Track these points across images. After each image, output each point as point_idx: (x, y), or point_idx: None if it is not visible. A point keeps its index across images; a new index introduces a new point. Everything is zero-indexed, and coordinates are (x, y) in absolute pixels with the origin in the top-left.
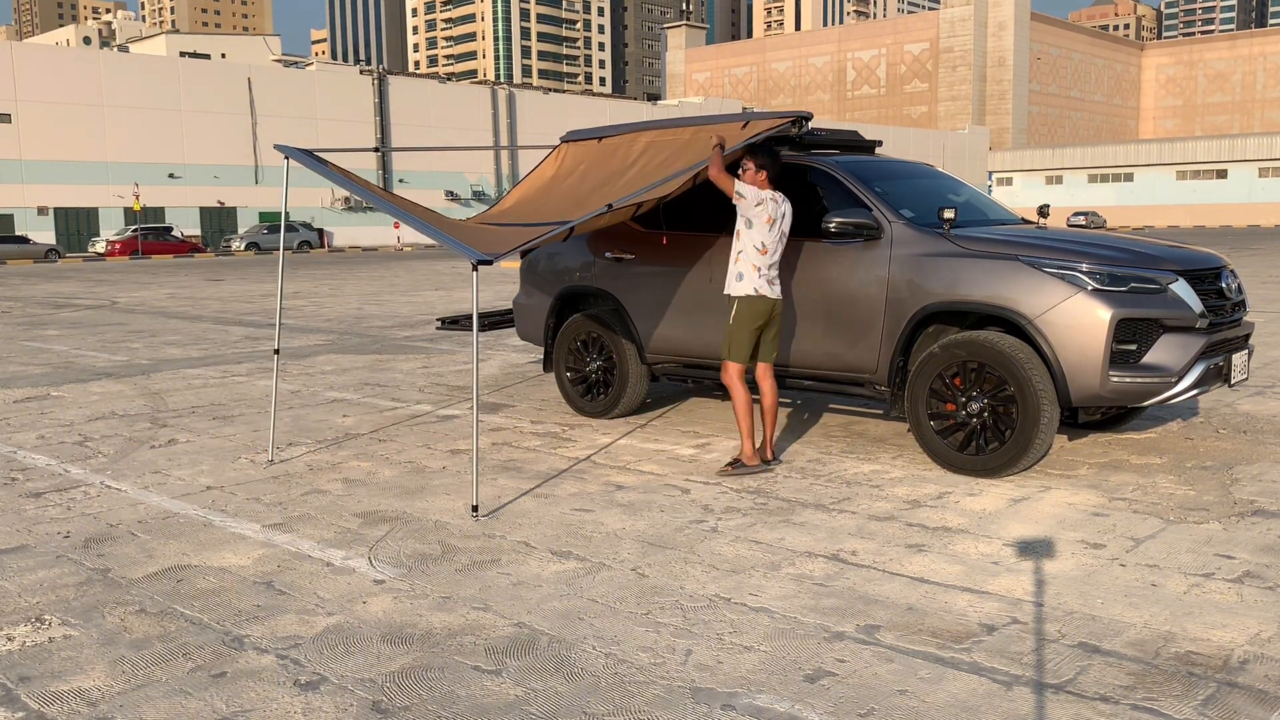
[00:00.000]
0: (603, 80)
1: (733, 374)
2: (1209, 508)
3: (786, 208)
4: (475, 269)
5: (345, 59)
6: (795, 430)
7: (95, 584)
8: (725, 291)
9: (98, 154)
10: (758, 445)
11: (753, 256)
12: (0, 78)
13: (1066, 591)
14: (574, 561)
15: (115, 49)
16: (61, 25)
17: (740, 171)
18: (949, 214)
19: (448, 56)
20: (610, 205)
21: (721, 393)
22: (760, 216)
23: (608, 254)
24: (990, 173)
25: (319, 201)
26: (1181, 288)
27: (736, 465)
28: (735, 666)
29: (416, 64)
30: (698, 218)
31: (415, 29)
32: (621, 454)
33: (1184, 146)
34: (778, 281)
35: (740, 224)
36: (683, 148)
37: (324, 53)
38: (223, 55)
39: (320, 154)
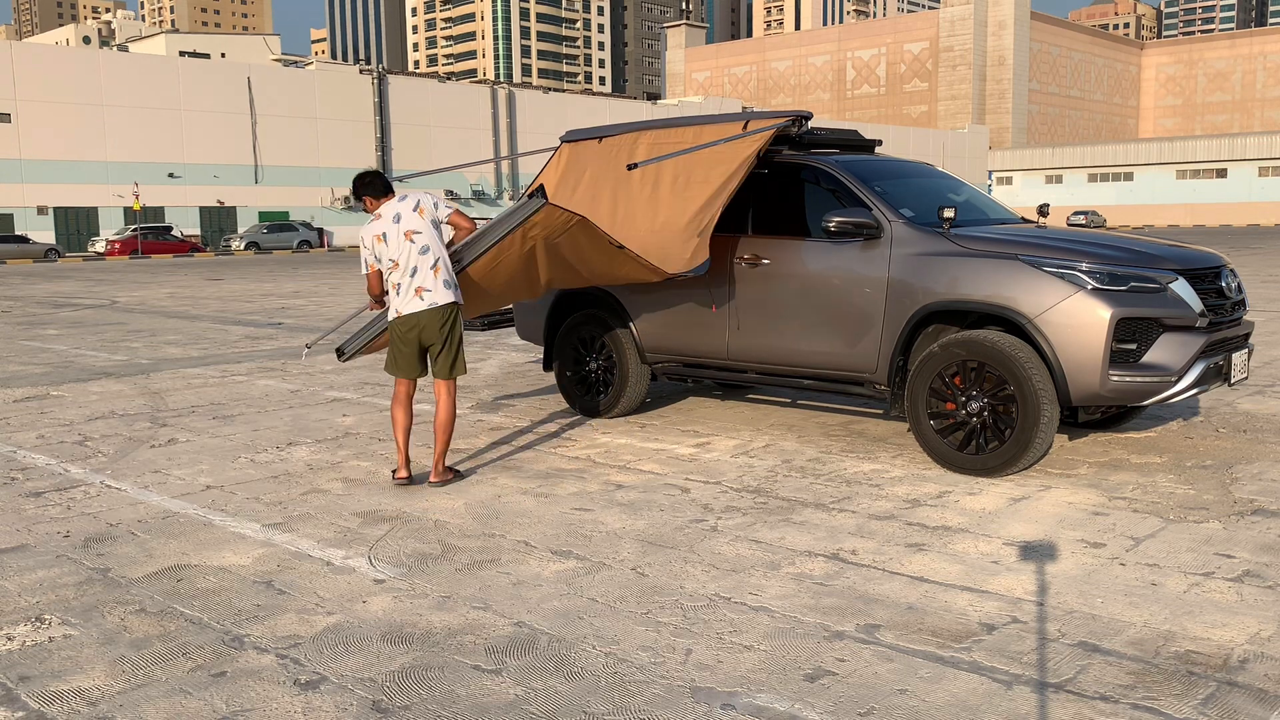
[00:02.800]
0: (603, 80)
1: (396, 390)
2: (1209, 507)
3: (396, 211)
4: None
5: (345, 58)
6: (795, 429)
7: (95, 583)
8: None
9: (97, 153)
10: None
11: (390, 277)
12: (0, 77)
13: (1066, 591)
14: (574, 561)
15: (115, 48)
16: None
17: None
18: (949, 213)
19: (447, 56)
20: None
21: (721, 392)
22: (367, 238)
23: None
24: (990, 172)
25: (319, 201)
26: (1181, 287)
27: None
28: (735, 666)
29: (416, 64)
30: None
31: (415, 28)
32: (621, 453)
33: (1184, 146)
34: (422, 291)
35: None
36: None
37: (324, 52)
38: (222, 55)
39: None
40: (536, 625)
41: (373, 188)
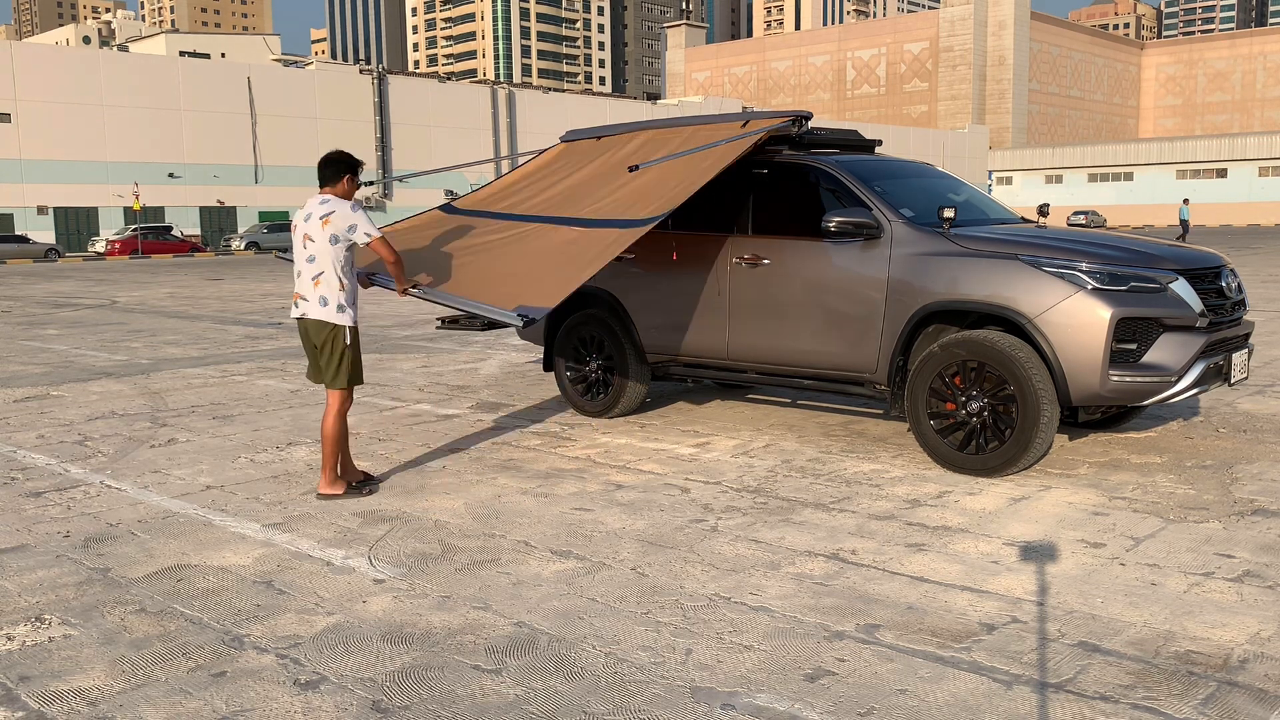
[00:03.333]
0: (603, 80)
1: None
2: (1209, 507)
3: (309, 211)
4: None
5: (345, 58)
6: (795, 429)
7: (95, 583)
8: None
9: (97, 154)
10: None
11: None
12: (0, 77)
13: (1066, 590)
14: (574, 561)
15: (115, 48)
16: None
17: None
18: (949, 213)
19: (447, 56)
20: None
21: (721, 392)
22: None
23: None
24: (990, 172)
25: None
26: (1181, 287)
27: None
28: (735, 666)
29: (416, 63)
30: (699, 217)
31: (415, 28)
32: (621, 453)
33: (1184, 146)
34: (298, 298)
35: None
36: (681, 146)
37: (324, 52)
38: (222, 55)
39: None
40: (536, 625)
41: (320, 173)
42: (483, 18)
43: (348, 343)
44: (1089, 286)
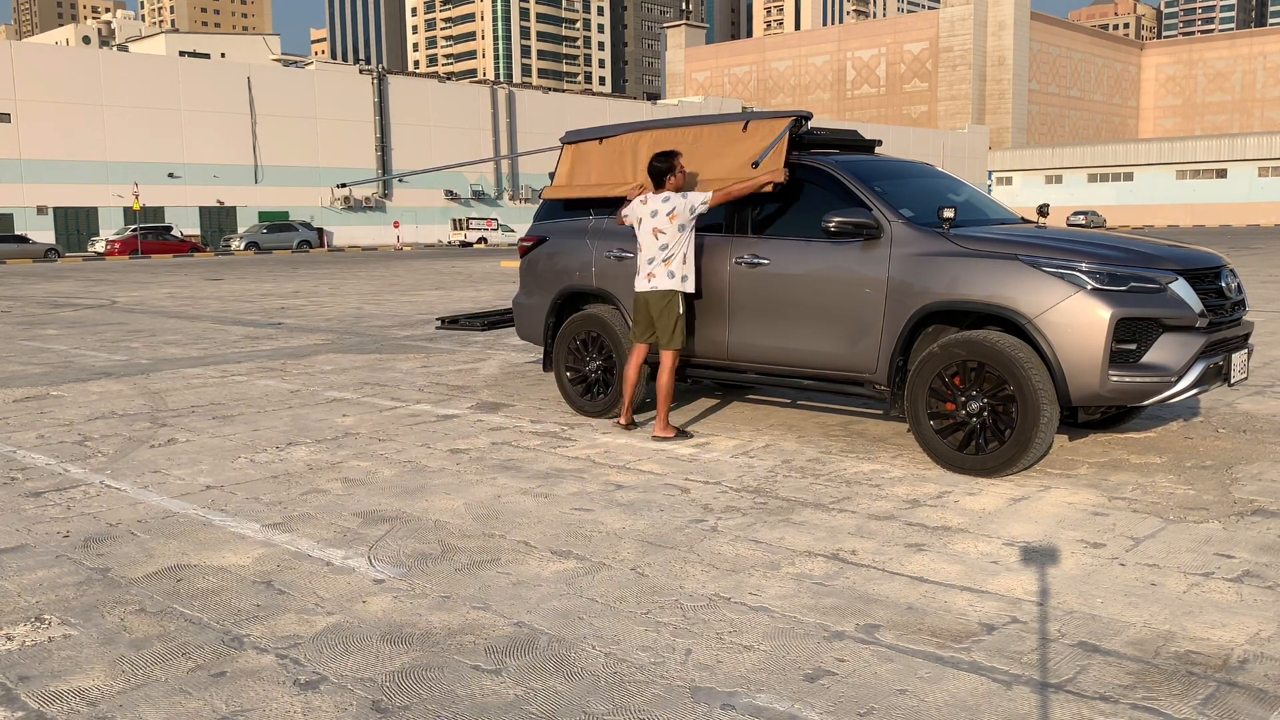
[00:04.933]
0: (603, 80)
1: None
2: (1209, 507)
3: (652, 209)
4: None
5: (345, 58)
6: (795, 429)
7: (95, 583)
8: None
9: (97, 154)
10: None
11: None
12: (0, 77)
13: (1066, 591)
14: (574, 561)
15: (115, 48)
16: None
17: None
18: (949, 213)
19: (447, 56)
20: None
21: (722, 392)
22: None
23: (608, 253)
24: (990, 172)
25: (318, 201)
26: (1181, 287)
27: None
28: (735, 666)
29: (416, 63)
30: (698, 217)
31: (415, 28)
32: (621, 454)
33: (1184, 146)
34: (650, 278)
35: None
36: (689, 147)
37: (323, 52)
38: (222, 55)
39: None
40: (536, 625)
41: (657, 177)
42: (483, 18)
43: (680, 311)
44: (1089, 287)
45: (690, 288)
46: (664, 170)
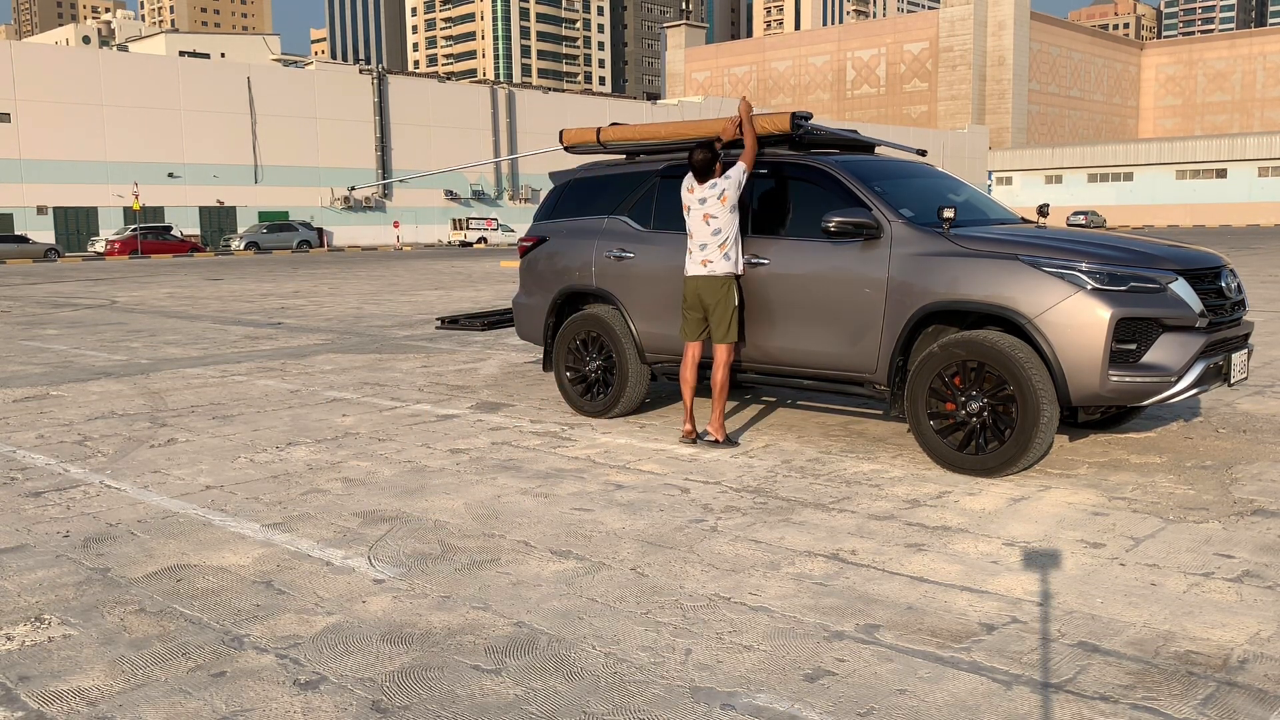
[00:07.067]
0: (602, 80)
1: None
2: (1209, 507)
3: (702, 196)
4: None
5: (345, 58)
6: (795, 430)
7: (95, 583)
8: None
9: (97, 153)
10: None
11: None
12: (0, 77)
13: (1066, 591)
14: (574, 561)
15: (115, 48)
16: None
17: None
18: (948, 213)
19: (447, 56)
20: None
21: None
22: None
23: (608, 254)
24: (990, 172)
25: (318, 201)
26: (1181, 287)
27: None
28: (735, 666)
29: (416, 63)
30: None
31: (415, 28)
32: (621, 454)
33: (1184, 146)
34: (706, 264)
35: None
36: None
37: (323, 52)
38: (222, 55)
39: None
40: (536, 625)
41: (701, 169)
42: (483, 18)
43: (735, 304)
44: (1089, 287)
45: (742, 270)
46: (709, 160)
